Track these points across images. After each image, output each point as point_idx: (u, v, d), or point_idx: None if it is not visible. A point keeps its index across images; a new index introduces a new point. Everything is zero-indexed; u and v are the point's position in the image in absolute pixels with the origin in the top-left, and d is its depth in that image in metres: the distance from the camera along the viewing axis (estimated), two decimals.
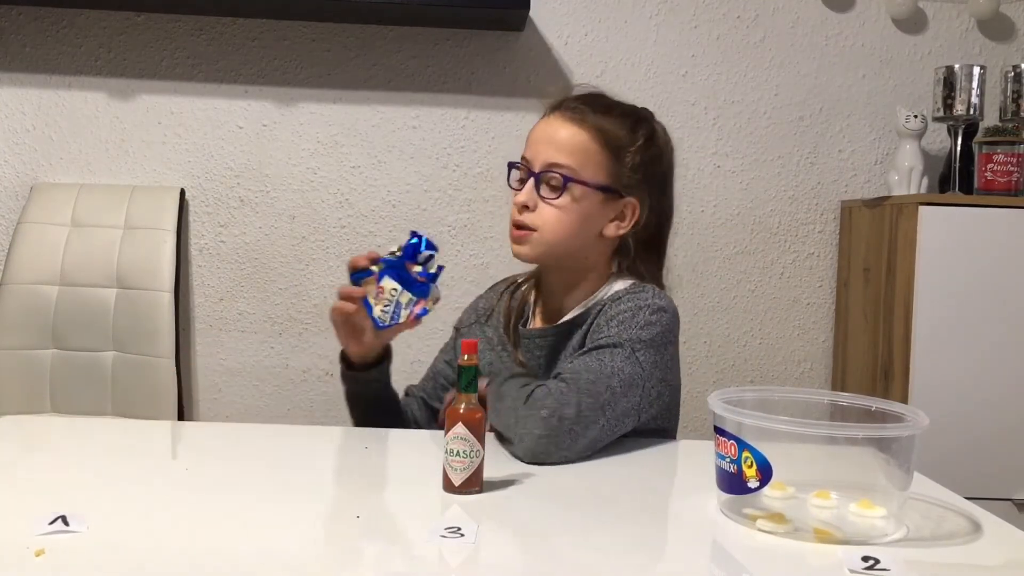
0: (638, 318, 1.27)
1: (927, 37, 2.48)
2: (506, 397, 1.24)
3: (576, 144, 1.31)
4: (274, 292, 2.43)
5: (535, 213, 1.32)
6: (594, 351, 1.24)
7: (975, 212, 2.08)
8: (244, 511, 0.99)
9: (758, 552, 0.92)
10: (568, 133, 1.32)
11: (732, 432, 0.97)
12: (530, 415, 1.17)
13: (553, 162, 1.31)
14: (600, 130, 1.32)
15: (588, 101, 1.36)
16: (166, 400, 2.22)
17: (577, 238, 1.33)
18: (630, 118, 1.37)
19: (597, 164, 1.32)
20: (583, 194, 1.31)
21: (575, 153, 1.31)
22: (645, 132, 1.37)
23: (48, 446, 1.32)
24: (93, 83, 2.38)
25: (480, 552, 0.88)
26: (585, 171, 1.31)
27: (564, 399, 1.17)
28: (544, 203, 1.31)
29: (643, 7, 2.44)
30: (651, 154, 1.36)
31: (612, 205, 1.34)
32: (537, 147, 1.33)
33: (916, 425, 0.95)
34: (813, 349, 2.51)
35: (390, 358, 1.44)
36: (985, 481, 2.05)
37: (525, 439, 1.16)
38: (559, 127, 1.32)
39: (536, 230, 1.32)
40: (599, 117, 1.33)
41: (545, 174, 1.31)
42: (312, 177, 2.42)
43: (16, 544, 0.84)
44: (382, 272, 1.27)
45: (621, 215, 1.35)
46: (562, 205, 1.31)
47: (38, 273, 2.26)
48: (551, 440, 1.16)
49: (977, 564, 0.91)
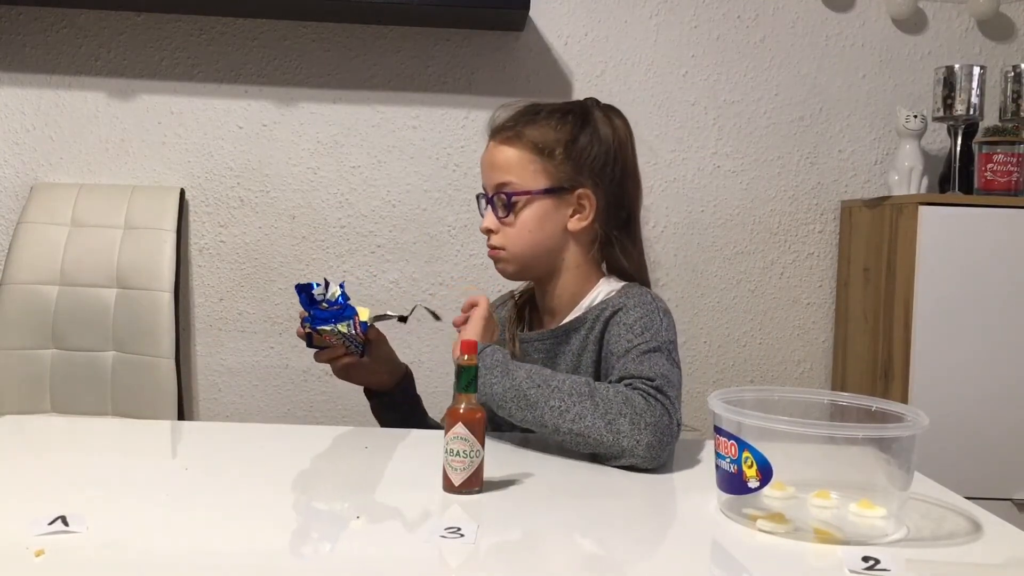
0: (655, 322, 1.30)
1: (927, 37, 2.48)
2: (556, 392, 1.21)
3: (510, 160, 1.37)
4: (274, 292, 2.43)
5: (500, 235, 1.38)
6: (644, 355, 1.25)
7: (975, 212, 2.08)
8: (244, 511, 0.99)
9: (758, 552, 0.92)
10: (502, 153, 1.38)
11: (732, 432, 0.97)
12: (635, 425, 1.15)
13: (497, 183, 1.38)
14: (527, 139, 1.37)
15: (517, 117, 1.40)
16: (166, 400, 2.22)
17: (543, 243, 1.38)
18: (556, 115, 1.40)
19: (534, 171, 1.36)
20: (530, 203, 1.36)
21: (511, 169, 1.37)
22: (574, 121, 1.39)
23: (48, 446, 1.32)
24: (93, 83, 2.38)
25: (480, 552, 0.88)
26: (525, 182, 1.36)
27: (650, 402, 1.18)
28: (502, 223, 1.38)
29: (643, 7, 2.44)
30: (585, 140, 1.38)
31: (565, 201, 1.38)
32: (484, 174, 1.41)
33: (916, 425, 0.95)
34: (813, 349, 2.51)
35: (410, 378, 1.54)
36: (985, 481, 2.05)
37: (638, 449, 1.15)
38: (495, 151, 1.39)
39: (504, 249, 1.38)
40: (526, 128, 1.38)
41: (496, 197, 1.38)
42: (312, 177, 2.42)
43: (16, 544, 0.84)
44: (313, 327, 1.37)
45: (579, 206, 1.38)
46: (516, 220, 1.37)
47: (38, 273, 2.26)
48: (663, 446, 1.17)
49: (977, 564, 0.91)
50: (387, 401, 1.51)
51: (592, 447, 1.18)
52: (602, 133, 1.39)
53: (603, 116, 1.41)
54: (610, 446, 1.16)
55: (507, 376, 1.24)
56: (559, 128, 1.38)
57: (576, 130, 1.38)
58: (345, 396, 2.43)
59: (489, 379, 1.24)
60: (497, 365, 1.25)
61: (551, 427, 1.20)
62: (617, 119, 1.42)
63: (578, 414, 1.18)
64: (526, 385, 1.22)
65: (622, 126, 1.42)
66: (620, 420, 1.15)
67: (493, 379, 1.24)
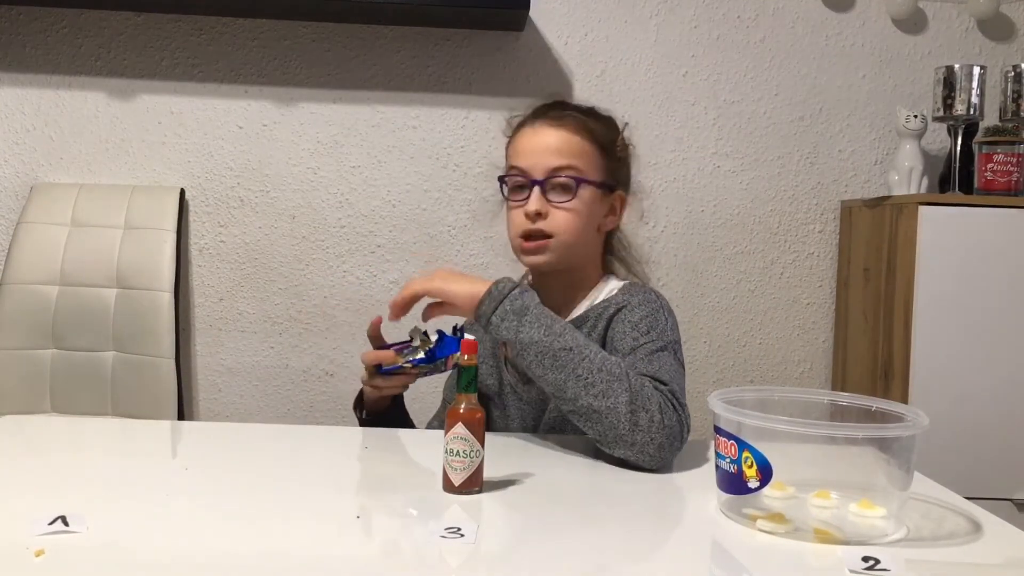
0: (660, 321, 1.30)
1: (927, 37, 2.48)
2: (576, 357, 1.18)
3: (574, 146, 1.35)
4: (274, 292, 2.43)
5: (548, 219, 1.33)
6: (653, 355, 1.25)
7: (975, 212, 2.08)
8: (244, 511, 0.99)
9: (758, 552, 0.92)
10: (563, 137, 1.35)
11: (732, 432, 0.97)
12: (653, 423, 1.15)
13: (557, 166, 1.33)
14: (588, 130, 1.37)
15: (564, 106, 1.41)
16: (166, 400, 2.22)
17: (586, 234, 1.38)
18: (604, 116, 1.43)
19: (594, 162, 1.36)
20: (591, 193, 1.36)
21: (576, 154, 1.35)
22: (619, 128, 1.43)
23: (48, 446, 1.32)
24: (93, 83, 2.38)
25: (480, 552, 0.88)
26: (587, 170, 1.35)
27: (666, 405, 1.17)
28: (556, 208, 1.33)
29: (643, 7, 2.44)
30: (628, 148, 1.44)
31: (607, 200, 1.40)
32: (533, 156, 1.35)
33: (916, 425, 0.95)
34: (813, 349, 2.51)
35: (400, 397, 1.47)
36: (985, 481, 2.05)
37: (650, 447, 1.15)
38: (551, 133, 1.36)
39: (553, 235, 1.33)
40: (583, 118, 1.38)
41: (551, 179, 1.33)
42: (312, 177, 2.42)
43: (16, 544, 0.84)
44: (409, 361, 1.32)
45: (612, 209, 1.41)
46: (575, 207, 1.34)
47: (38, 273, 2.26)
48: (672, 452, 1.17)
49: (977, 564, 0.91)
50: (383, 418, 1.46)
51: (603, 428, 1.15)
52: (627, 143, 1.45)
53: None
54: (624, 434, 1.14)
55: (540, 326, 1.19)
56: (611, 128, 1.41)
57: (622, 135, 1.42)
58: (345, 396, 2.43)
59: (515, 324, 1.20)
60: (529, 310, 1.20)
61: (571, 395, 1.17)
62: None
63: (603, 391, 1.15)
64: (558, 344, 1.18)
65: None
66: (642, 414, 1.14)
67: (522, 325, 1.20)
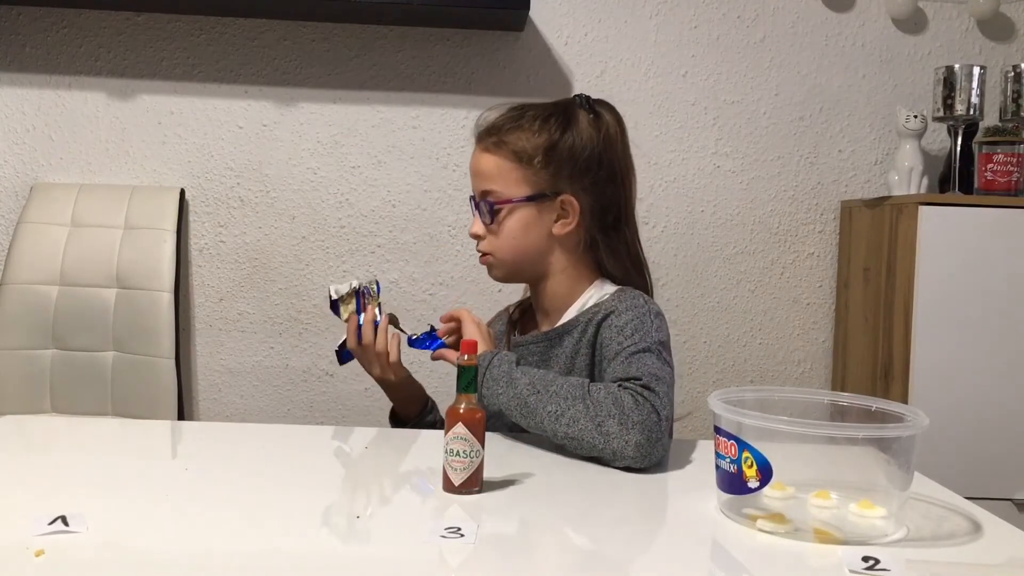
0: (646, 324, 1.30)
1: (927, 37, 2.48)
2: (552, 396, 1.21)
3: (491, 169, 1.37)
4: (274, 292, 2.43)
5: (487, 241, 1.40)
6: (633, 356, 1.25)
7: (975, 212, 2.08)
8: (244, 511, 0.99)
9: (758, 552, 0.92)
10: (484, 161, 1.38)
11: (732, 432, 0.97)
12: (623, 426, 1.15)
13: (481, 191, 1.39)
14: (508, 147, 1.36)
15: (500, 122, 1.38)
16: (166, 400, 2.22)
17: (529, 249, 1.38)
18: (538, 119, 1.37)
19: (516, 179, 1.36)
20: (513, 211, 1.37)
21: (493, 177, 1.37)
22: (555, 125, 1.36)
23: (48, 446, 1.32)
24: (93, 83, 2.38)
25: (480, 552, 0.88)
26: (507, 189, 1.36)
27: (635, 400, 1.17)
28: (488, 229, 1.39)
29: (643, 7, 2.44)
30: (567, 145, 1.36)
31: (548, 207, 1.37)
32: (472, 180, 1.42)
33: (916, 425, 0.95)
34: (813, 349, 2.51)
35: (435, 410, 1.53)
36: (985, 481, 2.05)
37: (627, 449, 1.15)
38: (478, 158, 1.40)
39: (491, 255, 1.40)
40: (507, 134, 1.37)
41: (480, 204, 1.39)
42: (312, 177, 2.42)
43: (16, 544, 0.84)
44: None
45: (563, 212, 1.37)
46: (500, 228, 1.38)
47: (38, 273, 2.26)
48: (652, 444, 1.16)
49: (977, 564, 0.91)
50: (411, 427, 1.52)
51: (586, 450, 1.18)
52: (585, 136, 1.36)
53: (589, 116, 1.38)
54: (602, 449, 1.16)
55: (511, 386, 1.25)
56: (539, 133, 1.35)
57: (557, 135, 1.35)
58: (345, 396, 2.44)
59: (495, 389, 1.26)
60: (503, 376, 1.26)
61: (549, 432, 1.21)
62: (607, 115, 1.39)
63: (572, 418, 1.18)
64: (526, 392, 1.23)
65: (611, 123, 1.39)
66: (609, 422, 1.15)
67: (499, 389, 1.26)
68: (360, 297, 1.40)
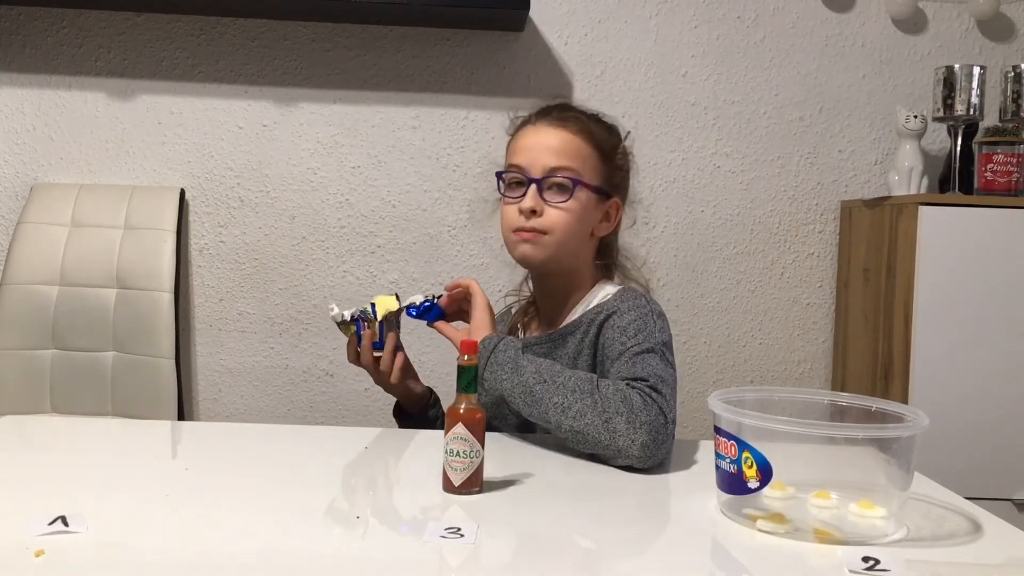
0: (649, 324, 1.30)
1: (927, 37, 2.48)
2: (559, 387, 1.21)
3: (574, 148, 1.36)
4: (274, 292, 2.43)
5: (543, 217, 1.34)
6: (637, 356, 1.25)
7: (975, 212, 2.08)
8: (244, 511, 0.99)
9: (758, 552, 0.92)
10: (564, 138, 1.36)
11: (732, 432, 0.97)
12: (631, 424, 1.15)
13: (556, 166, 1.34)
14: (590, 133, 1.37)
15: (568, 108, 1.41)
16: (166, 400, 2.22)
17: (578, 237, 1.38)
18: (606, 123, 1.43)
19: (593, 166, 1.37)
20: (586, 196, 1.36)
21: (575, 156, 1.35)
22: (620, 136, 1.44)
23: (48, 446, 1.32)
24: (93, 83, 2.38)
25: (480, 552, 0.88)
26: (585, 173, 1.36)
27: (643, 400, 1.17)
28: (551, 207, 1.34)
29: (643, 7, 2.44)
30: (626, 157, 1.44)
31: (602, 206, 1.40)
32: (533, 154, 1.36)
33: (916, 425, 0.95)
34: (813, 349, 2.51)
35: (438, 404, 1.53)
36: (985, 481, 2.05)
37: (633, 448, 1.15)
38: (552, 133, 1.37)
39: (547, 233, 1.35)
40: (585, 120, 1.39)
41: (549, 178, 1.34)
42: (312, 177, 2.42)
43: (16, 544, 0.84)
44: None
45: (607, 215, 1.41)
46: (570, 207, 1.35)
47: (38, 273, 2.26)
48: (657, 445, 1.16)
49: (977, 564, 0.91)
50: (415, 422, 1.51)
51: (590, 445, 1.18)
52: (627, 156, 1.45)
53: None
54: (607, 445, 1.16)
55: (516, 373, 1.25)
56: (613, 135, 1.41)
57: (622, 143, 1.43)
58: (345, 396, 2.44)
59: (499, 374, 1.26)
60: (508, 362, 1.26)
61: (554, 423, 1.21)
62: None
63: (579, 411, 1.18)
64: (533, 381, 1.23)
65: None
66: (617, 419, 1.16)
67: (503, 375, 1.26)
68: (359, 321, 1.39)
